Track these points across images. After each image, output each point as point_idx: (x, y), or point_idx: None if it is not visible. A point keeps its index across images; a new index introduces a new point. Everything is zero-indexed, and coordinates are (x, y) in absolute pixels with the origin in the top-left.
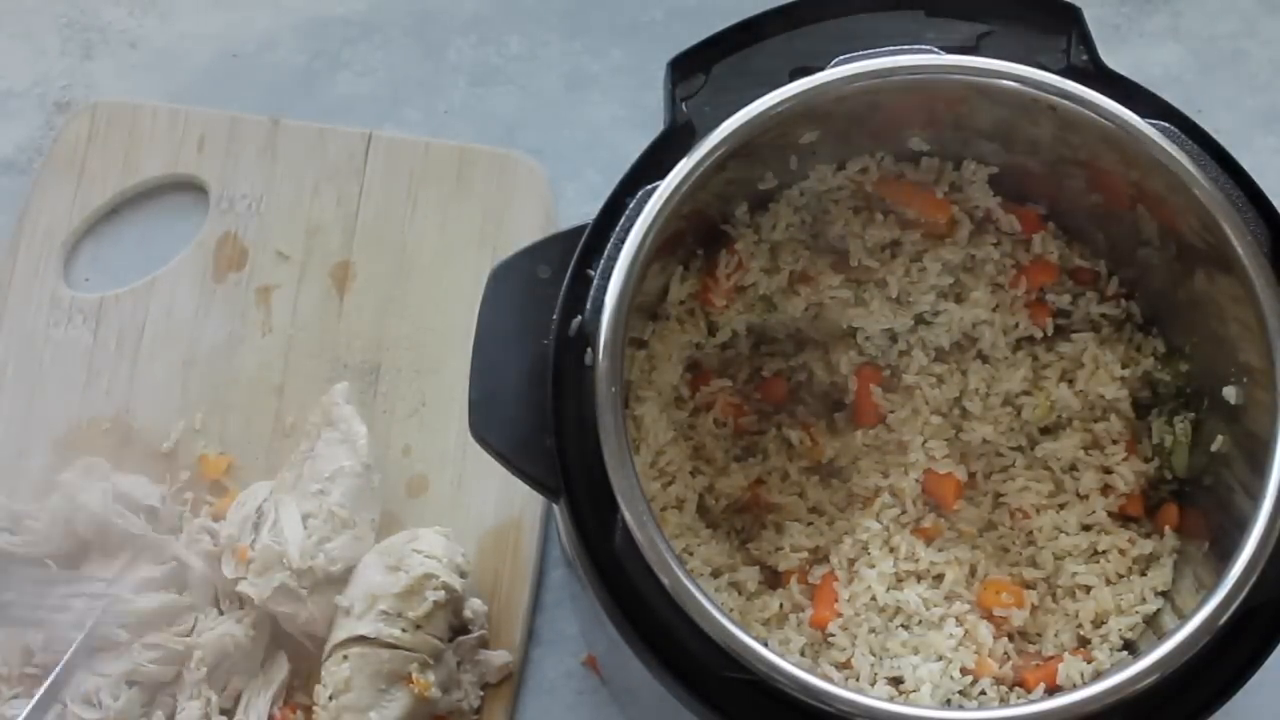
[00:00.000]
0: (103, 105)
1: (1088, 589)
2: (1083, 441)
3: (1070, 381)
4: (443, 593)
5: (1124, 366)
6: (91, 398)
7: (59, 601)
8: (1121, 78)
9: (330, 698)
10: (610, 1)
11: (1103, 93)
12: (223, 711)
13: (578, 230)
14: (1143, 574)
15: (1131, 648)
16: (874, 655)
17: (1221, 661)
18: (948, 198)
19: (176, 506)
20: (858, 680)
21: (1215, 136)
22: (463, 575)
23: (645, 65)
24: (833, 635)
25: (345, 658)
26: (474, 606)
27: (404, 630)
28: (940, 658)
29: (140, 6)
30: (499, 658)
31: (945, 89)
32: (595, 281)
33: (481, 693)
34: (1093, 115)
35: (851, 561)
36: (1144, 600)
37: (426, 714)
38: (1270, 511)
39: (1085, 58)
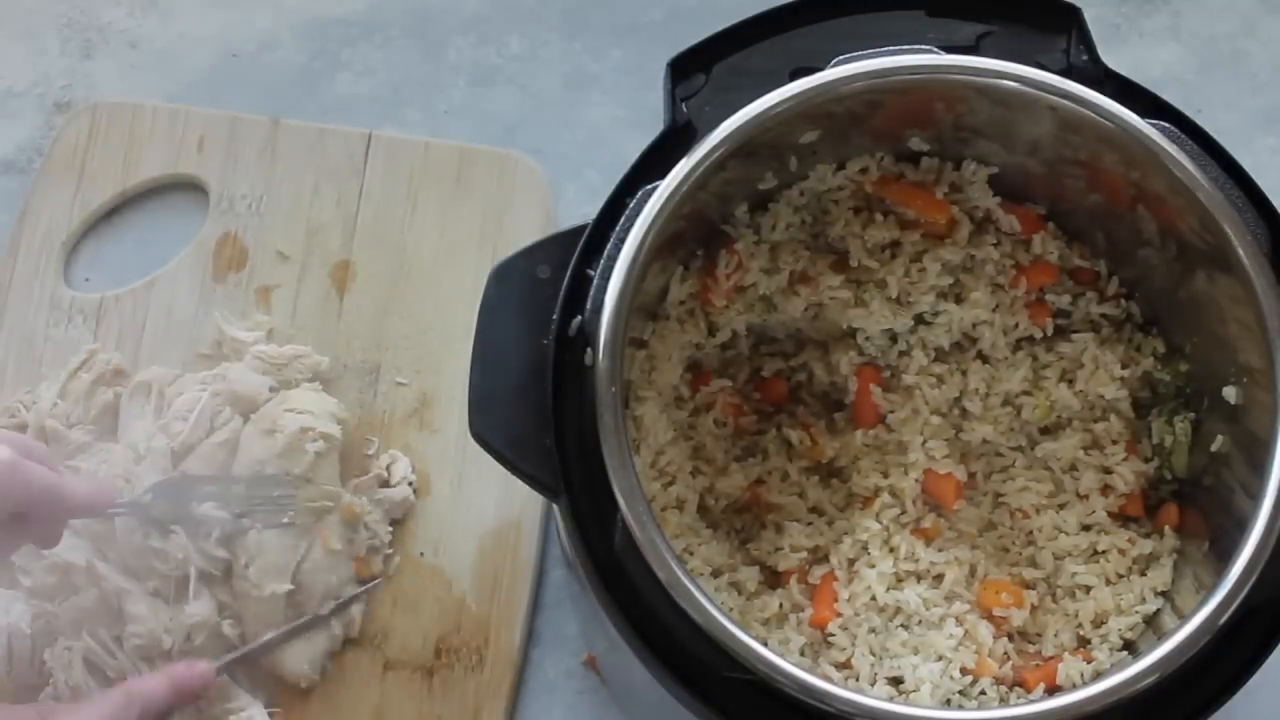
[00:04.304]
0: (103, 105)
1: (1088, 589)
2: (1083, 441)
3: (1070, 381)
4: (321, 442)
5: (1124, 366)
6: None
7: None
8: (1121, 78)
9: (246, 565)
10: (610, 1)
11: (1103, 93)
12: None
13: (578, 230)
14: (1143, 574)
15: (1131, 648)
16: (874, 655)
17: (1221, 661)
18: (948, 198)
19: None
20: (858, 680)
21: (1215, 136)
22: (340, 422)
23: (645, 65)
24: (833, 635)
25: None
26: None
27: (294, 487)
28: (940, 658)
29: (140, 6)
30: (398, 493)
31: (945, 89)
32: (595, 281)
33: (390, 528)
34: (1093, 115)
35: (851, 561)
36: (1144, 600)
37: (347, 558)
38: (1270, 511)
39: (1085, 58)
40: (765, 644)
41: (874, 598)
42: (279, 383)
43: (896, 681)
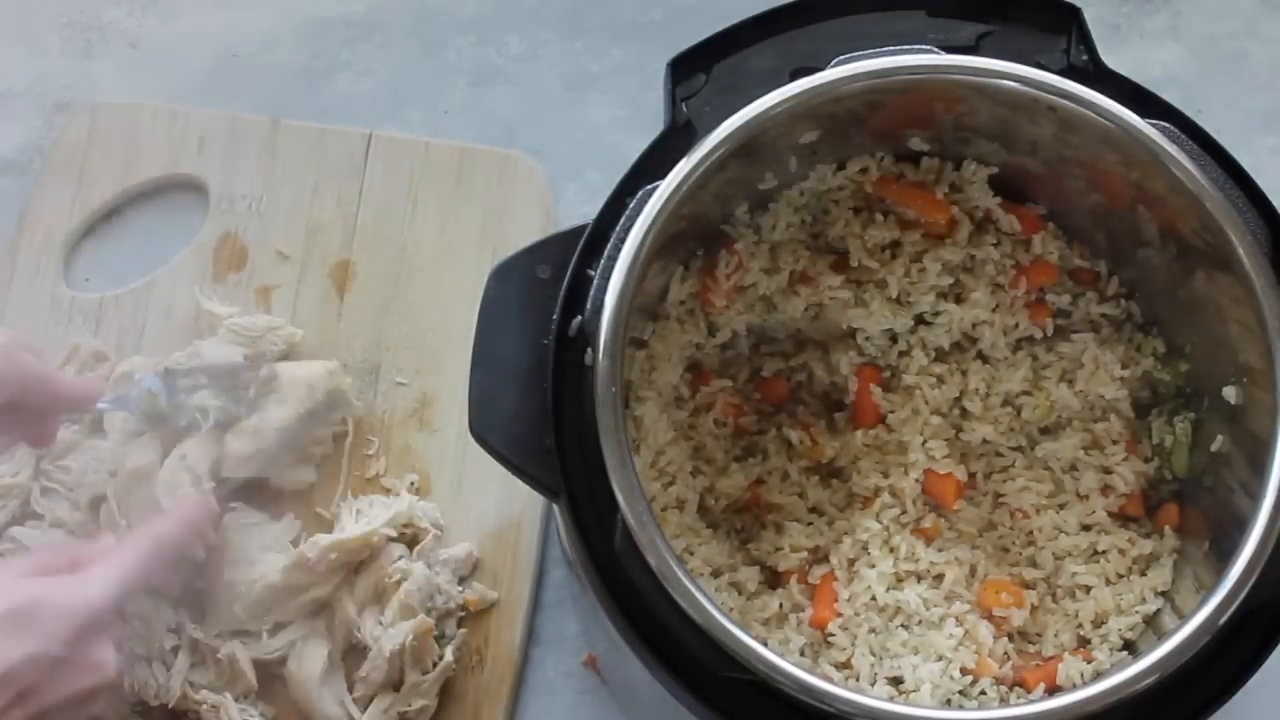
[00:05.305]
0: (103, 105)
1: (1088, 589)
2: (1083, 441)
3: (1070, 381)
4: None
5: (1124, 366)
6: None
7: None
8: (1121, 78)
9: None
10: (610, 1)
11: (1103, 93)
12: None
13: (578, 230)
14: (1143, 574)
15: (1131, 648)
16: (874, 655)
17: (1221, 661)
18: (948, 198)
19: None
20: (858, 680)
21: (1215, 136)
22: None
23: (645, 65)
24: (833, 635)
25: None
26: (426, 512)
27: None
28: (940, 658)
29: (140, 6)
30: (462, 549)
31: (945, 89)
32: (595, 281)
33: (461, 587)
34: (1093, 115)
35: (851, 561)
36: (1144, 600)
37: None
38: (1270, 511)
39: (1085, 58)
40: (765, 644)
41: (874, 598)
42: (253, 354)
43: (896, 681)
